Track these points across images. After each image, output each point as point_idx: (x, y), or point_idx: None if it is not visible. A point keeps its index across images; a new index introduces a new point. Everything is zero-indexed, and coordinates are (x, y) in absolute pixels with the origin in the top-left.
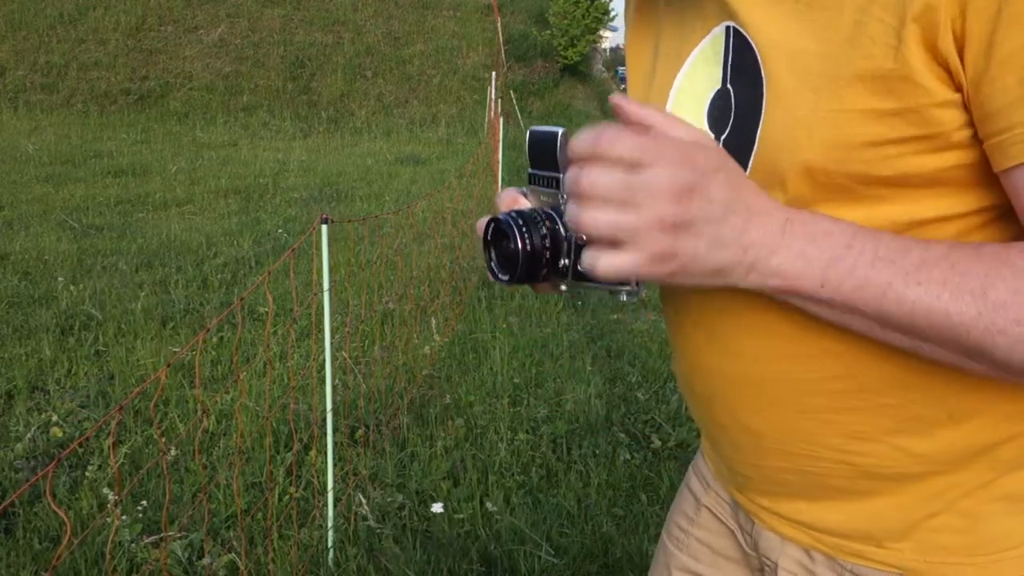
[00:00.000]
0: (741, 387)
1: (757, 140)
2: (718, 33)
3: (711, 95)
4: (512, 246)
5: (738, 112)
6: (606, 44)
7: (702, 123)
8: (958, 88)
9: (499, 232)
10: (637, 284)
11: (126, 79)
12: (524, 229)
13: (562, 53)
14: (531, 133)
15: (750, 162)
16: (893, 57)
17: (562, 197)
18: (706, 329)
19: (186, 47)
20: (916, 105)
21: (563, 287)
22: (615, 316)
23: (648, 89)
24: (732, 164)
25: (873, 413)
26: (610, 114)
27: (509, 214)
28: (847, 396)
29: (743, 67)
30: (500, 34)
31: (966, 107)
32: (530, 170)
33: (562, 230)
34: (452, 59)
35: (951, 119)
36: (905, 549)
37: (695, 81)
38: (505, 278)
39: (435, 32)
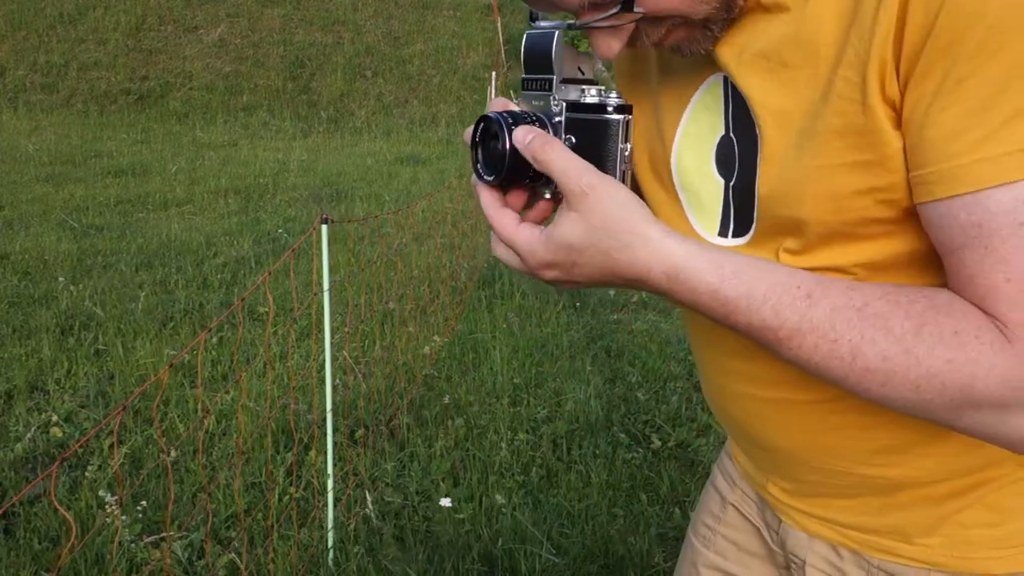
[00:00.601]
0: (773, 411)
1: (756, 194)
2: (715, 81)
3: (717, 140)
4: (500, 145)
5: (741, 162)
6: None
7: (710, 167)
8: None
9: (488, 131)
10: None
11: (126, 79)
12: (514, 128)
13: None
14: (527, 37)
15: (754, 213)
16: (861, 112)
17: (554, 99)
18: (740, 358)
19: (186, 47)
20: (890, 152)
21: (547, 195)
22: (615, 316)
23: (654, 136)
24: (598, 248)
25: (899, 427)
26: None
27: (501, 113)
28: (873, 414)
29: (741, 119)
30: (500, 34)
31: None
32: (524, 75)
33: (551, 133)
34: (452, 59)
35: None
36: (934, 544)
37: (699, 126)
38: (490, 178)
39: (435, 32)
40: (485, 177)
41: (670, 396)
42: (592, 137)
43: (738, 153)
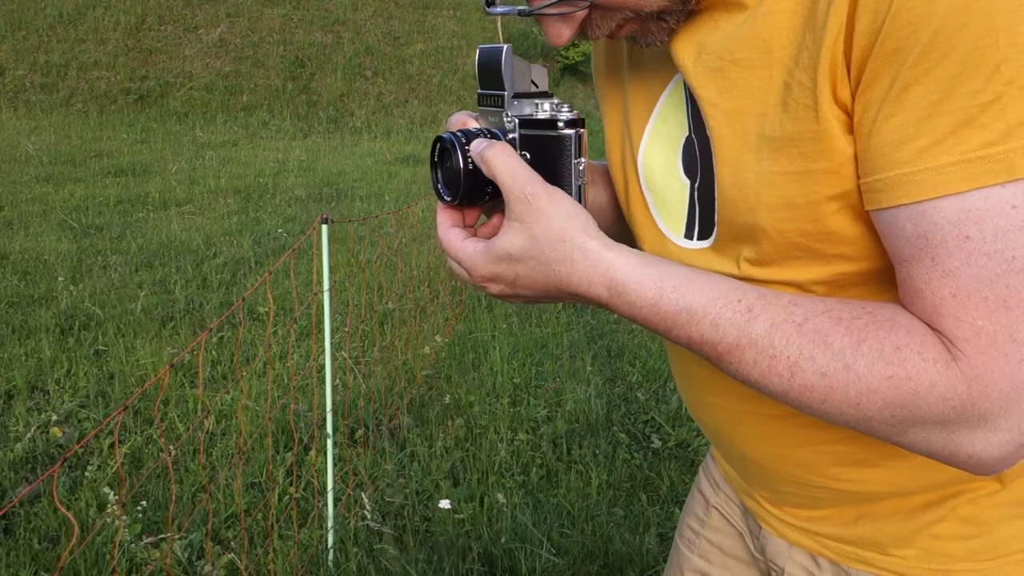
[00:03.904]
0: (743, 423)
1: (716, 198)
2: (679, 80)
3: (683, 140)
4: (454, 165)
5: (702, 164)
6: None
7: (676, 167)
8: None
9: (444, 151)
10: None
11: (126, 79)
12: (468, 148)
13: (563, 53)
14: (479, 52)
15: (715, 216)
16: (815, 119)
17: (506, 115)
18: (708, 368)
19: (186, 47)
20: (842, 160)
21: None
22: (615, 316)
23: (624, 126)
24: (539, 259)
25: (870, 441)
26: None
27: (454, 133)
28: (842, 428)
29: (699, 121)
30: (500, 34)
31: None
32: (479, 90)
33: None
34: (452, 59)
35: None
36: (909, 556)
37: (667, 125)
38: (449, 198)
39: (435, 32)
40: (445, 197)
41: (670, 396)
42: (546, 153)
43: (699, 155)
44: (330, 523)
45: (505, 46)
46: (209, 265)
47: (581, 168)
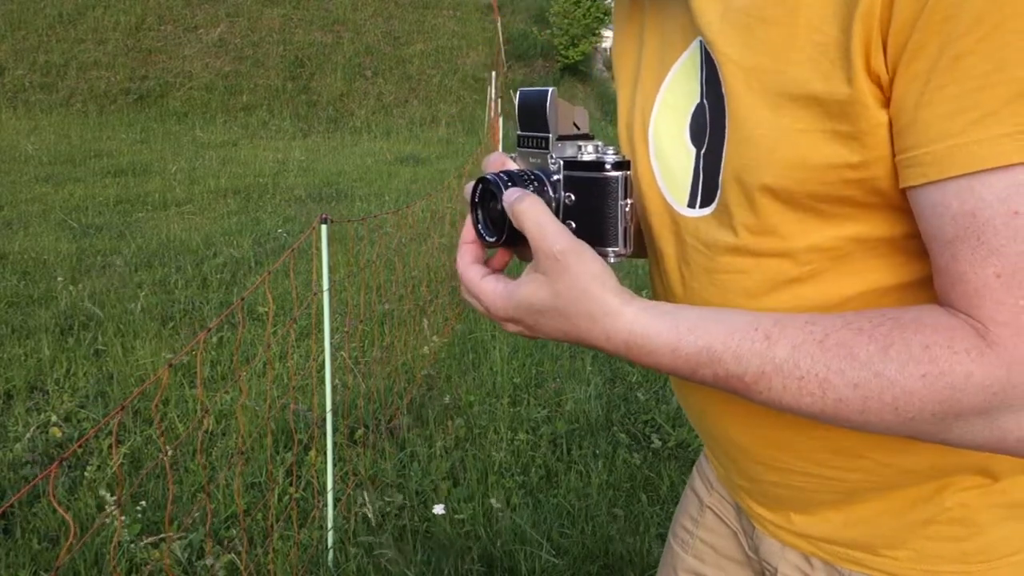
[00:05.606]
0: (729, 404)
1: (723, 158)
2: (695, 47)
3: (692, 109)
4: (499, 206)
5: (712, 128)
6: (607, 44)
7: (683, 137)
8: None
9: (487, 192)
10: (625, 246)
11: (125, 79)
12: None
13: (563, 53)
14: (521, 94)
15: (720, 179)
16: (846, 79)
17: (551, 157)
18: None
19: (186, 47)
20: (866, 128)
21: None
22: None
23: (633, 99)
24: (560, 312)
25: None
26: (611, 115)
27: (498, 174)
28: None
29: (713, 83)
30: (500, 34)
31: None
32: (519, 132)
33: (550, 191)
34: (452, 59)
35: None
36: (901, 557)
37: (677, 94)
38: (492, 239)
39: (435, 32)
40: (488, 238)
41: (670, 396)
42: (591, 194)
43: (709, 119)
44: (330, 523)
45: (550, 89)
46: (209, 265)
47: (627, 210)
